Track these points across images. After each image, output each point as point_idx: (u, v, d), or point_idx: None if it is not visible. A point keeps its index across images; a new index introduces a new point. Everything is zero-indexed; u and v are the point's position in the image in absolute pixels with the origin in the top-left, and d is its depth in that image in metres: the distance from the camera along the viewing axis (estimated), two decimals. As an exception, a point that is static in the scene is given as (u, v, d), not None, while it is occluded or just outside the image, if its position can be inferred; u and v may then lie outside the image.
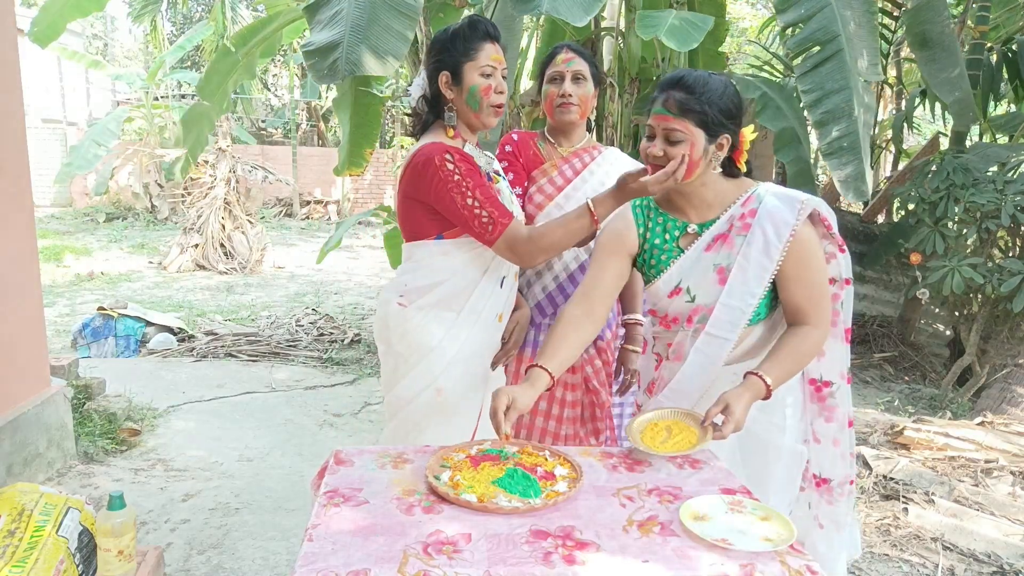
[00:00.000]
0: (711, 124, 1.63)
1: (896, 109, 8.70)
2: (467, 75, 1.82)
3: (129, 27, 20.32)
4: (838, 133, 3.46)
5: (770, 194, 1.72)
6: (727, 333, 1.70)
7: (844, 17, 3.61)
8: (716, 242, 1.72)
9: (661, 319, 1.82)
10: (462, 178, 1.77)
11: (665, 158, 1.63)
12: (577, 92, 2.15)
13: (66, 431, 3.33)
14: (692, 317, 1.75)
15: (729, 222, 1.71)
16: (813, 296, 1.69)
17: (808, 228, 1.69)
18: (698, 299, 1.73)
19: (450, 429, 1.87)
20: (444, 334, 1.87)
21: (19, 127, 3.04)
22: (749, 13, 16.29)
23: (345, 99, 5.10)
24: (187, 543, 2.74)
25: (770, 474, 1.78)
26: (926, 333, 6.42)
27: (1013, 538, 2.82)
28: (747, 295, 1.68)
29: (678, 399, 1.76)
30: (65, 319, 6.62)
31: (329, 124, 18.54)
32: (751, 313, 1.69)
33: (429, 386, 1.88)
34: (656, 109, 1.65)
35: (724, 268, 1.70)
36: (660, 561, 1.18)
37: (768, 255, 1.66)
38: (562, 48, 2.20)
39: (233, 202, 9.87)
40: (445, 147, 1.80)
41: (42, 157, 14.40)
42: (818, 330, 1.70)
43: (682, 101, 1.61)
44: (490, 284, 1.90)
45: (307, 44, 3.17)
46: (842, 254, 1.78)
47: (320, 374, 5.18)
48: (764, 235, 1.67)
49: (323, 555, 1.16)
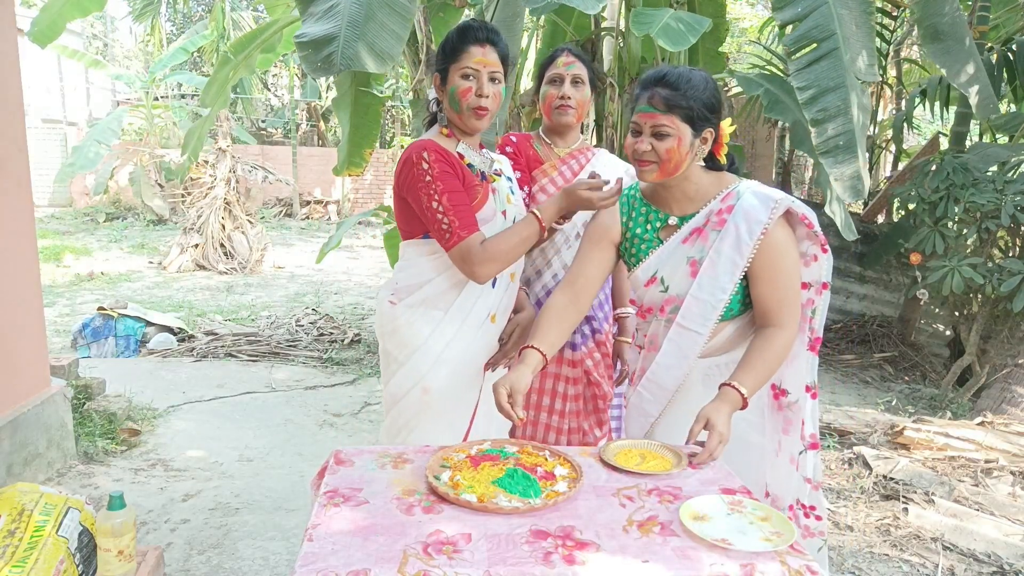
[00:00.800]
0: (696, 119, 1.65)
1: (896, 109, 8.69)
2: (450, 77, 1.84)
3: (129, 27, 20.32)
4: (834, 132, 3.44)
5: (749, 192, 1.73)
6: (698, 326, 1.73)
7: (841, 16, 3.59)
8: (692, 235, 1.75)
9: (639, 309, 1.87)
10: (432, 180, 1.78)
11: (653, 152, 1.66)
12: (575, 95, 2.20)
13: (66, 431, 3.33)
14: (665, 307, 1.78)
15: (707, 216, 1.74)
16: (782, 297, 1.70)
17: (781, 229, 1.70)
18: (671, 289, 1.76)
19: (439, 429, 1.87)
20: (431, 333, 1.87)
21: (19, 127, 3.04)
22: (749, 13, 16.29)
23: (345, 99, 5.11)
24: (187, 543, 2.74)
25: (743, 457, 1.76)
26: (926, 333, 6.42)
27: (1013, 538, 2.82)
28: (717, 289, 1.70)
29: (655, 391, 1.80)
30: (65, 319, 6.63)
31: (329, 124, 18.54)
32: (722, 308, 1.71)
33: (416, 384, 1.88)
34: (642, 107, 1.67)
35: (697, 261, 1.73)
36: (660, 561, 1.18)
37: (739, 251, 1.68)
38: (563, 51, 2.24)
39: (233, 202, 9.86)
40: (427, 145, 1.82)
41: (42, 157, 14.41)
42: (785, 331, 1.70)
43: (668, 97, 1.64)
44: (479, 284, 1.89)
45: (300, 35, 3.14)
46: (824, 255, 1.75)
47: (320, 374, 5.18)
48: (737, 231, 1.69)
49: (323, 555, 1.16)
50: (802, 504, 1.84)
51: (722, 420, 1.58)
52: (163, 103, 14.71)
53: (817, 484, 1.84)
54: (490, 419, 1.93)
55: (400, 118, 17.95)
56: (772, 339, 1.68)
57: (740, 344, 1.78)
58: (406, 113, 17.12)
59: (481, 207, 1.87)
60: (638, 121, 1.68)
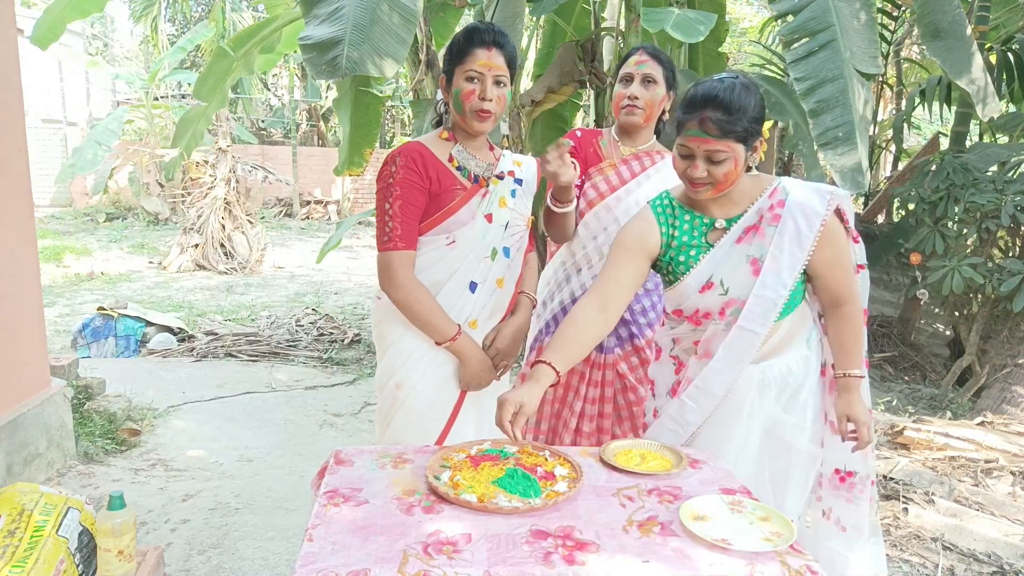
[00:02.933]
0: (749, 136, 1.64)
1: (896, 109, 8.69)
2: (455, 79, 1.84)
3: (130, 27, 20.31)
4: (833, 123, 3.40)
5: (796, 187, 1.75)
6: (758, 326, 1.72)
7: (838, 8, 3.57)
8: (748, 233, 1.74)
9: (691, 316, 1.81)
10: (393, 183, 1.81)
11: (710, 177, 1.65)
12: (644, 95, 2.17)
13: (66, 431, 3.33)
14: (725, 310, 1.76)
15: (758, 214, 1.73)
16: (846, 277, 1.78)
17: (834, 219, 1.75)
18: (731, 291, 1.74)
19: (412, 427, 1.88)
20: (404, 330, 1.88)
21: (19, 127, 3.04)
22: (749, 13, 16.29)
23: (345, 99, 5.10)
24: (187, 543, 2.74)
25: (790, 476, 1.79)
26: (926, 333, 6.42)
27: (1013, 538, 2.82)
28: (779, 286, 1.70)
29: (702, 398, 1.77)
30: (65, 319, 6.62)
31: (329, 124, 18.54)
32: (782, 305, 1.71)
33: (390, 379, 1.90)
34: (693, 132, 1.63)
35: (757, 259, 1.72)
36: (660, 561, 1.18)
37: (800, 245, 1.70)
38: (637, 50, 2.22)
39: (233, 202, 9.87)
40: (407, 149, 1.85)
41: (42, 157, 14.42)
42: (854, 304, 1.79)
43: (722, 123, 1.60)
44: (457, 287, 1.88)
45: (304, 37, 3.15)
46: (856, 244, 1.85)
47: (320, 374, 5.18)
48: (796, 225, 1.70)
49: (323, 555, 1.16)
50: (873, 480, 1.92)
51: (857, 408, 1.75)
52: (163, 103, 14.71)
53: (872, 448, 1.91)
54: (479, 430, 1.92)
55: (400, 118, 17.95)
56: (849, 316, 1.78)
57: (790, 345, 1.80)
58: (406, 113, 17.13)
59: (457, 209, 1.86)
60: (689, 146, 1.64)
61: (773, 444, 1.78)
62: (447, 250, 1.86)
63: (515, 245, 1.96)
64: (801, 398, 1.79)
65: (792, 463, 1.79)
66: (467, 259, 1.87)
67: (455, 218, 1.85)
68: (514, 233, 1.95)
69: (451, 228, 1.85)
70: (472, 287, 1.89)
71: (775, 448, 1.78)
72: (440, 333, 1.84)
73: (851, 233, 1.81)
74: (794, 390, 1.79)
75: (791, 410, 1.79)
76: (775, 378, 1.77)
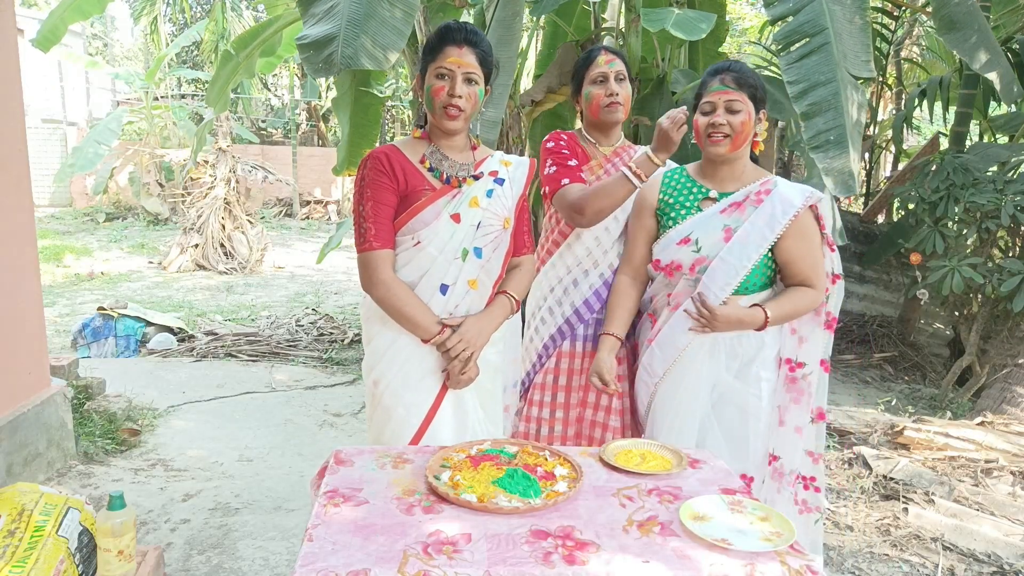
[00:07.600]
0: (758, 99, 1.95)
1: (896, 109, 8.70)
2: (427, 77, 1.86)
3: (130, 28, 20.33)
4: (824, 126, 3.40)
5: (785, 184, 1.99)
6: (719, 288, 1.93)
7: (832, 12, 3.57)
8: (732, 207, 1.99)
9: (665, 267, 2.03)
10: (365, 185, 1.84)
11: (728, 126, 1.92)
12: (622, 92, 2.21)
13: (66, 431, 3.33)
14: (695, 266, 1.98)
15: (746, 195, 1.99)
16: (812, 264, 1.97)
17: (808, 216, 1.97)
18: (703, 250, 1.97)
19: (388, 425, 1.88)
20: (381, 327, 1.90)
21: (19, 127, 3.04)
22: (749, 13, 16.28)
23: (345, 99, 5.10)
24: (187, 543, 2.74)
25: (748, 428, 1.99)
26: (926, 333, 6.42)
27: (1013, 538, 2.82)
28: (744, 257, 1.92)
29: (666, 347, 2.01)
30: (65, 319, 6.63)
31: (329, 124, 18.54)
32: (743, 275, 1.93)
33: (369, 375, 1.93)
34: (716, 87, 1.94)
35: (732, 229, 1.96)
36: (660, 561, 1.18)
37: (771, 227, 1.93)
38: (599, 51, 2.23)
39: (233, 202, 9.87)
40: (378, 152, 1.87)
41: (42, 157, 14.43)
42: (815, 290, 1.98)
43: (738, 77, 1.93)
44: (427, 290, 1.86)
45: (302, 37, 3.15)
46: (832, 252, 2.03)
47: (320, 374, 5.18)
48: (772, 210, 1.94)
49: (323, 555, 1.16)
50: (802, 476, 2.05)
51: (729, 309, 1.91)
52: (163, 103, 14.71)
53: (818, 456, 2.06)
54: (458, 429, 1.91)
55: (400, 118, 17.96)
56: (803, 291, 1.97)
57: None
58: (406, 113, 17.15)
59: (421, 210, 1.84)
60: (712, 100, 1.94)
61: (724, 409, 2.00)
62: (415, 251, 1.85)
63: (489, 245, 1.91)
64: (752, 371, 1.99)
65: (750, 417, 1.99)
66: (436, 260, 1.85)
67: (419, 218, 1.84)
68: (487, 233, 1.90)
69: (415, 228, 1.84)
70: (443, 289, 1.87)
71: (726, 413, 2.00)
72: (423, 330, 1.84)
73: (827, 240, 2.00)
74: (743, 361, 2.00)
75: (747, 380, 1.99)
76: (724, 343, 1.99)
